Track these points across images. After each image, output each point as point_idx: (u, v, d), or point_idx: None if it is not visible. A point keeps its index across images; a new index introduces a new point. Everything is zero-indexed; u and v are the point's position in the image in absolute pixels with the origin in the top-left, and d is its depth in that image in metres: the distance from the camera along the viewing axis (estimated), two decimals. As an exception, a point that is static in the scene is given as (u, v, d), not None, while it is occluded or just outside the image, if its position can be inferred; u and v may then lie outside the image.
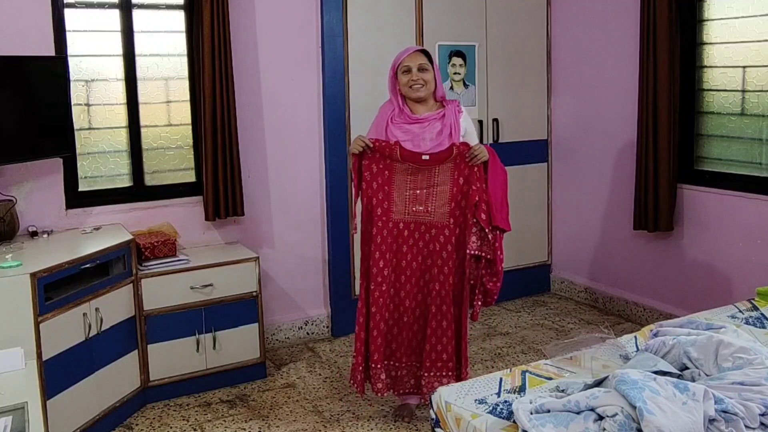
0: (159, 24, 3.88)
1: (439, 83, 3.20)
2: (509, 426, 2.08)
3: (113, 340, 3.28)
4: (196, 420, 3.38)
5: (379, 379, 3.20)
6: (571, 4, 4.76)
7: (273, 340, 4.22)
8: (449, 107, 3.18)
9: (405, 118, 3.17)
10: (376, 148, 3.10)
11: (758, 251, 3.75)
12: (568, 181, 4.92)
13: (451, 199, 3.10)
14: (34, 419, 2.00)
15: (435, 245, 3.14)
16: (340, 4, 4.16)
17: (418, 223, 3.14)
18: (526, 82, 4.85)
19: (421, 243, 3.16)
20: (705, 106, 4.07)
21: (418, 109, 3.19)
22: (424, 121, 3.15)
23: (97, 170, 3.80)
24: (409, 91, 3.14)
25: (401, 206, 3.14)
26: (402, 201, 3.14)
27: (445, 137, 3.12)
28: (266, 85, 4.11)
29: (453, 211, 3.11)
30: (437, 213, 3.12)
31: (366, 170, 3.13)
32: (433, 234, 3.14)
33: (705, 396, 1.93)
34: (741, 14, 3.82)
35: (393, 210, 3.14)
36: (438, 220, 3.13)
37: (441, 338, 3.15)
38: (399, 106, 3.19)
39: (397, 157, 3.09)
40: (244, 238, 4.10)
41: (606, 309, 4.71)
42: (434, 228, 3.13)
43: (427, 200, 3.12)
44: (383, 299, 3.16)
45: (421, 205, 3.12)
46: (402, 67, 3.15)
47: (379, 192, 3.14)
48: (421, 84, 3.12)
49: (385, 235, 3.14)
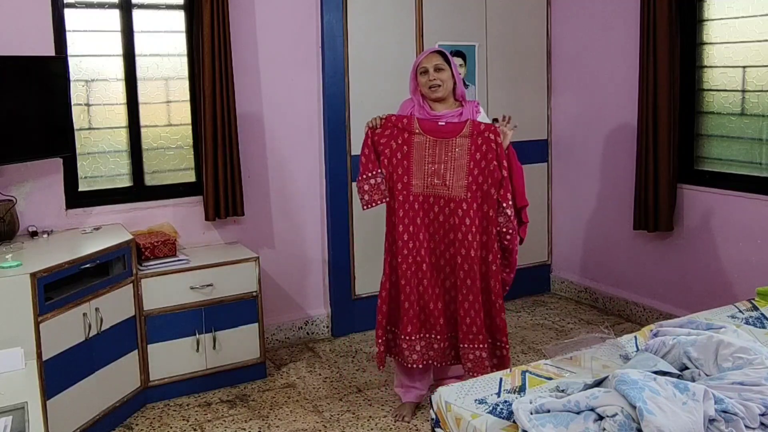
0: (159, 24, 3.88)
1: (458, 82, 3.30)
2: (509, 426, 2.08)
3: (113, 340, 3.28)
4: (196, 420, 3.38)
5: (414, 351, 3.23)
6: (571, 3, 4.76)
7: (273, 340, 4.22)
8: (467, 106, 3.30)
9: (425, 115, 3.27)
10: (393, 123, 3.20)
11: (758, 251, 3.75)
12: (568, 181, 4.92)
13: (468, 173, 3.18)
14: (34, 419, 2.00)
15: (454, 219, 3.21)
16: (340, 4, 4.16)
17: (437, 197, 3.22)
18: (526, 81, 4.85)
19: (441, 217, 3.23)
20: (705, 106, 4.07)
21: (437, 108, 3.29)
22: (442, 118, 3.25)
23: (97, 170, 3.80)
24: (428, 92, 3.25)
25: (420, 180, 3.22)
26: (421, 175, 3.21)
27: None
28: (266, 85, 4.11)
29: (470, 185, 3.18)
30: (455, 186, 3.19)
31: (386, 147, 3.22)
32: (452, 208, 3.21)
33: (705, 396, 1.93)
34: (741, 14, 3.82)
35: (413, 184, 3.22)
36: (456, 194, 3.20)
37: (469, 310, 3.20)
38: (419, 104, 3.30)
39: (415, 127, 3.19)
40: (244, 238, 4.10)
41: (606, 309, 4.71)
42: (453, 202, 3.20)
43: (445, 173, 3.20)
44: (411, 271, 3.22)
45: (439, 178, 3.20)
46: (420, 68, 3.26)
47: (399, 167, 3.22)
48: (438, 84, 3.22)
49: (407, 208, 3.22)
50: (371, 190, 3.22)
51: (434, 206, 3.23)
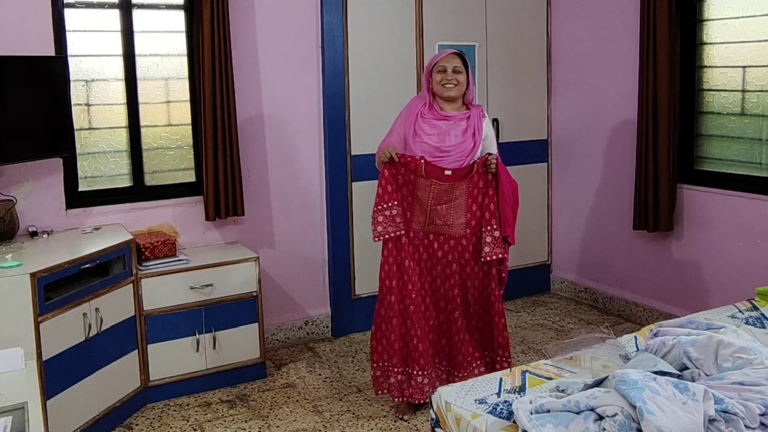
0: (159, 24, 3.88)
1: (470, 87, 3.35)
2: (509, 426, 2.08)
3: (113, 340, 3.28)
4: (196, 420, 3.38)
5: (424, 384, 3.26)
6: (571, 3, 4.76)
7: (273, 340, 4.22)
8: (474, 110, 3.35)
9: (434, 113, 3.31)
10: (401, 163, 3.22)
11: (758, 251, 3.75)
12: (568, 181, 4.92)
13: (467, 211, 3.26)
14: (34, 419, 2.00)
15: (454, 254, 3.29)
16: (340, 4, 4.16)
17: (437, 234, 3.29)
18: (526, 82, 4.85)
19: (440, 253, 3.31)
20: (705, 106, 4.07)
21: (446, 108, 3.33)
22: (451, 118, 3.29)
23: (97, 170, 3.80)
24: (441, 89, 3.28)
25: (422, 218, 3.28)
26: (423, 213, 3.28)
27: (469, 136, 3.27)
28: (266, 84, 4.11)
29: (469, 221, 3.27)
30: (455, 225, 3.27)
31: (392, 179, 3.25)
32: (451, 244, 3.29)
33: (705, 396, 1.93)
34: (741, 14, 3.82)
35: (414, 221, 3.29)
36: (455, 232, 3.28)
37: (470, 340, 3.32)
38: (429, 102, 3.32)
39: (421, 172, 3.21)
40: (244, 238, 4.10)
41: (606, 309, 4.71)
42: (452, 239, 3.29)
43: (447, 214, 3.26)
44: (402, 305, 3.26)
45: (441, 218, 3.27)
46: (438, 66, 3.30)
47: (403, 202, 3.27)
48: (453, 84, 3.26)
49: (406, 243, 3.27)
50: (386, 221, 3.22)
51: (434, 242, 3.30)
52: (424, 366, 3.25)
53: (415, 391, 3.25)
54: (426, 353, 3.26)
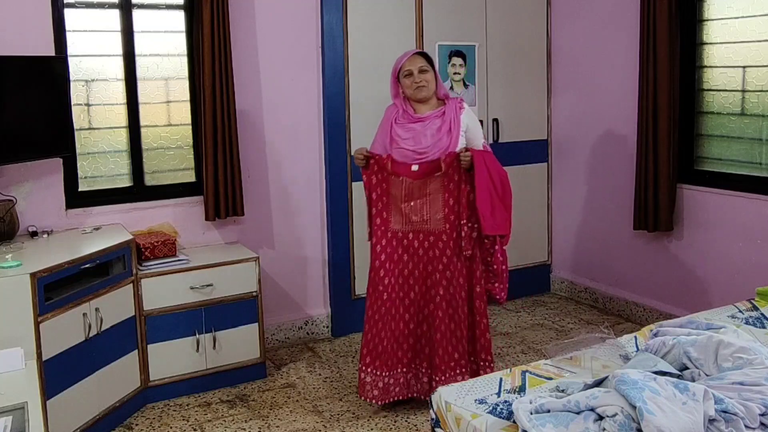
0: (159, 24, 3.88)
1: (439, 82, 3.33)
2: (509, 426, 2.08)
3: (113, 340, 3.28)
4: (196, 420, 3.38)
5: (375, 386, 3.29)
6: (571, 4, 4.76)
7: (273, 340, 4.22)
8: (450, 104, 3.30)
9: (408, 117, 3.30)
10: (374, 159, 3.25)
11: (758, 251, 3.75)
12: (568, 181, 4.92)
13: (444, 206, 3.22)
14: (34, 419, 2.00)
15: (435, 251, 3.25)
16: (340, 4, 4.16)
17: (417, 232, 3.26)
18: (526, 82, 4.85)
19: (421, 251, 3.27)
20: (705, 106, 4.06)
21: (420, 109, 3.31)
22: (426, 119, 3.27)
23: (97, 170, 3.80)
24: (413, 93, 3.27)
25: (399, 216, 3.26)
26: (399, 212, 3.26)
27: (444, 133, 3.23)
28: (266, 84, 4.11)
29: (447, 216, 3.22)
30: (433, 220, 3.23)
31: (366, 181, 3.28)
32: (431, 241, 3.25)
33: (705, 396, 1.93)
34: (741, 14, 3.82)
35: (391, 220, 3.27)
36: (434, 227, 3.24)
37: (450, 339, 3.24)
38: (402, 107, 3.32)
39: (388, 170, 3.23)
40: (244, 238, 4.10)
41: (606, 309, 4.71)
42: (432, 235, 3.24)
43: (422, 209, 3.23)
44: (385, 308, 3.26)
45: (417, 215, 3.24)
46: (404, 71, 3.28)
47: (378, 202, 3.28)
48: (423, 85, 3.25)
49: (384, 244, 3.27)
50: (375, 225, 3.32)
51: (414, 241, 3.27)
52: (391, 367, 3.27)
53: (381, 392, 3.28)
54: (393, 355, 3.26)
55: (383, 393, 3.29)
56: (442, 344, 3.24)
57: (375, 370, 3.28)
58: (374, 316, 3.28)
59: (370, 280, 3.32)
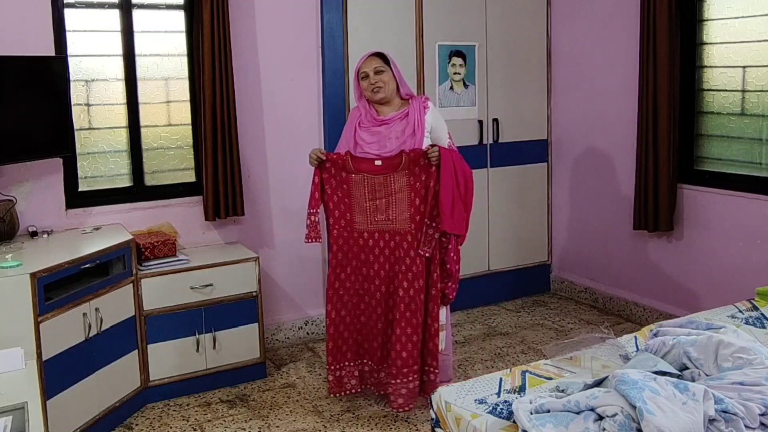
0: (159, 24, 3.88)
1: (400, 81, 3.27)
2: (509, 426, 2.08)
3: (113, 340, 3.28)
4: (196, 420, 3.38)
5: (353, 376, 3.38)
6: (571, 4, 4.76)
7: (273, 340, 4.22)
8: (413, 104, 3.26)
9: (371, 120, 3.27)
10: (330, 160, 3.22)
11: (758, 251, 3.75)
12: (568, 181, 4.92)
13: (410, 205, 3.18)
14: (34, 419, 2.00)
15: (400, 251, 3.22)
16: (340, 4, 4.16)
17: (382, 232, 3.23)
18: (526, 82, 4.85)
19: (387, 251, 3.24)
20: (705, 106, 4.07)
21: (383, 111, 3.29)
22: (389, 121, 3.24)
23: (97, 170, 3.80)
24: (370, 95, 3.24)
25: (363, 216, 3.23)
26: (363, 212, 3.23)
27: (408, 136, 3.21)
28: (266, 85, 4.11)
29: (413, 216, 3.18)
30: (398, 220, 3.20)
31: (326, 184, 3.26)
32: (397, 241, 3.22)
33: (705, 396, 1.93)
34: (741, 14, 3.82)
35: (356, 221, 3.24)
36: (400, 227, 3.21)
37: (406, 344, 3.20)
38: (366, 110, 3.28)
39: (350, 167, 3.19)
40: (244, 238, 4.10)
41: (606, 309, 4.71)
42: (398, 235, 3.21)
43: (387, 209, 3.20)
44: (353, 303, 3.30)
45: (382, 214, 3.21)
46: (360, 73, 3.25)
47: (341, 204, 3.25)
48: (380, 86, 3.20)
49: (351, 244, 3.26)
50: (310, 226, 3.29)
51: (380, 241, 3.24)
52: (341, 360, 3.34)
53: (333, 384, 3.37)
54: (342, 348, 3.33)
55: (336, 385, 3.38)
56: (396, 349, 3.20)
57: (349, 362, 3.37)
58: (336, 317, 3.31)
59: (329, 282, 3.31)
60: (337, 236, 3.26)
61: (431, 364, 3.27)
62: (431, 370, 3.27)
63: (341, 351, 3.35)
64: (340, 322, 3.32)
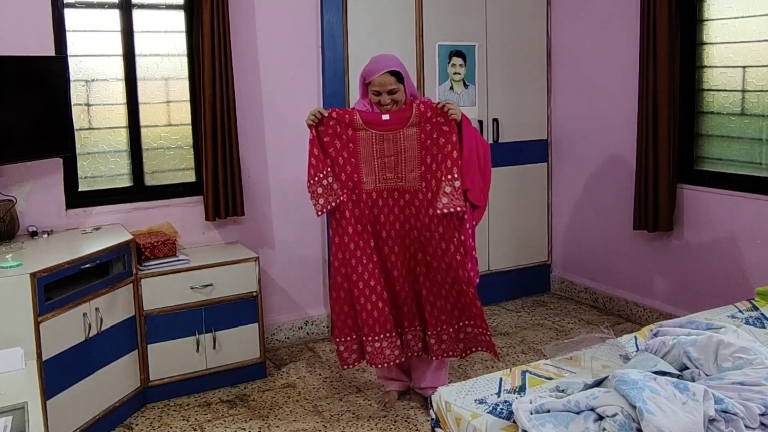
0: (159, 24, 3.88)
1: (409, 89, 3.17)
2: (509, 426, 2.08)
3: (113, 340, 3.28)
4: (196, 420, 3.38)
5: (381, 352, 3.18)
6: (571, 4, 4.76)
7: (273, 340, 4.22)
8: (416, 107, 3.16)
9: None
10: (334, 117, 3.07)
11: (758, 251, 3.75)
12: (568, 181, 4.92)
13: (421, 163, 3.10)
14: (34, 419, 2.00)
15: (411, 209, 3.13)
16: (340, 4, 4.16)
17: (391, 190, 3.14)
18: (526, 82, 4.85)
19: (397, 209, 3.16)
20: (705, 106, 4.07)
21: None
22: None
23: (97, 170, 3.80)
24: (378, 108, 3.15)
25: (371, 176, 3.13)
26: (371, 171, 3.12)
27: None
28: (266, 85, 4.11)
29: (424, 174, 3.10)
30: (408, 178, 3.12)
31: (329, 147, 3.10)
32: (407, 199, 3.13)
33: (705, 396, 1.93)
34: (741, 14, 3.82)
35: (364, 181, 3.13)
36: (410, 185, 3.12)
37: (435, 300, 3.15)
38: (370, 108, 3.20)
39: (358, 122, 3.07)
40: (244, 238, 4.10)
41: (606, 309, 4.71)
42: (408, 193, 3.13)
43: (396, 167, 3.11)
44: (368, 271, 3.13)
45: (391, 172, 3.11)
46: (372, 90, 3.10)
47: (347, 165, 3.12)
48: (391, 105, 3.11)
49: (361, 207, 3.14)
50: (326, 192, 3.08)
51: (389, 200, 3.14)
52: (379, 332, 3.14)
53: (373, 356, 3.16)
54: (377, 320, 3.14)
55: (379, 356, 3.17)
56: (427, 303, 3.15)
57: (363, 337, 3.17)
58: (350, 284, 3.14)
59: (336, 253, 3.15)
60: (357, 200, 3.12)
61: (481, 326, 3.16)
62: (483, 331, 3.16)
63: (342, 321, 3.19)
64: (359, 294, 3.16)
